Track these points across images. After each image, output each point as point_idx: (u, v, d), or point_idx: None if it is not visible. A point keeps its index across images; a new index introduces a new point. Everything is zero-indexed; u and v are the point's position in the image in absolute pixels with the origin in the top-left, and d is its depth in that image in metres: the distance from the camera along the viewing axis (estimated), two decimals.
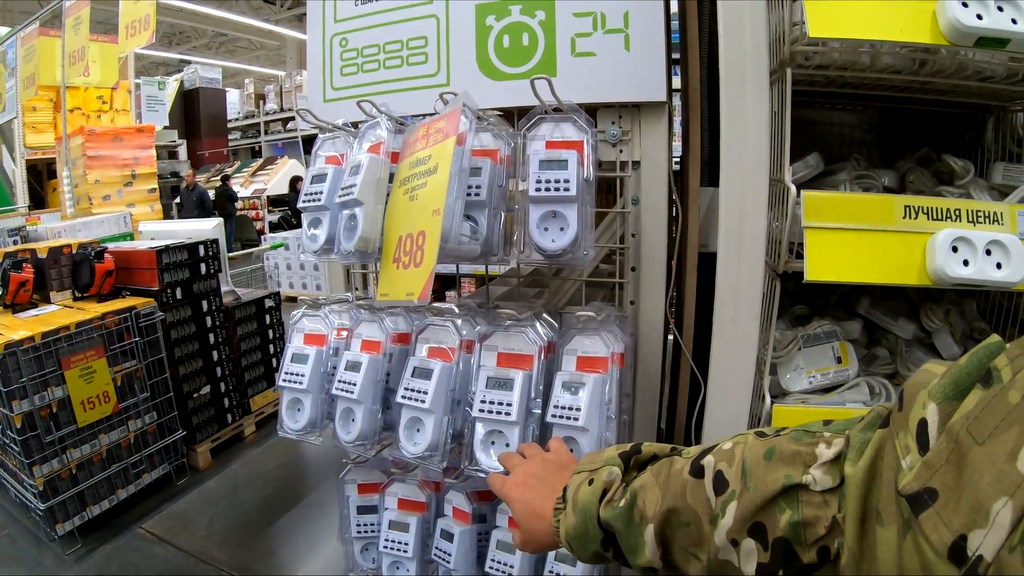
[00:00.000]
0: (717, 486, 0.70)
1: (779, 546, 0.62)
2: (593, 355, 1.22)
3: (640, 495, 0.76)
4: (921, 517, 0.46)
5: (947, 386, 0.50)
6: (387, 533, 1.49)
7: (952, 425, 0.47)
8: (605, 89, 1.38)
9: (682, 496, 0.72)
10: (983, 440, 0.43)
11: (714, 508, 0.69)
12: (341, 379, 1.34)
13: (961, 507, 0.43)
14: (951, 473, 0.45)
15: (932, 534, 0.44)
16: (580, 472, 0.87)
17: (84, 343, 3.16)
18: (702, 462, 0.73)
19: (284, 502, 3.52)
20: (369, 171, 1.24)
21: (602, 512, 0.79)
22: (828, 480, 0.60)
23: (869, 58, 1.33)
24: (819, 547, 0.60)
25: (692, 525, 0.71)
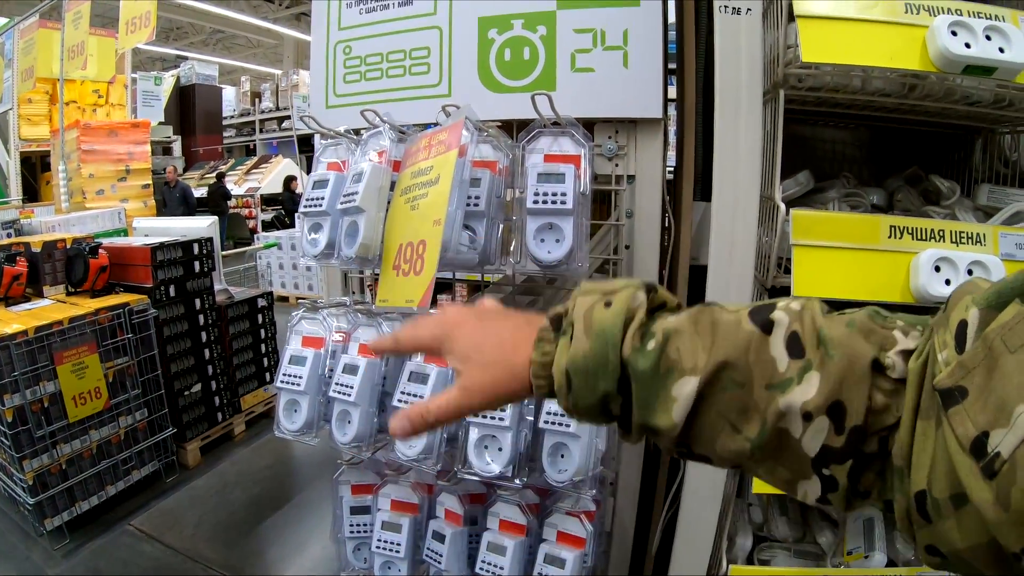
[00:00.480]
0: (792, 348, 0.59)
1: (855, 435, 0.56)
2: None
3: (674, 339, 0.62)
4: (951, 412, 0.49)
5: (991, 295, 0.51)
6: (380, 533, 1.52)
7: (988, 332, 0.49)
8: (603, 104, 1.41)
9: (743, 351, 0.60)
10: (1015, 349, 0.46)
11: (784, 372, 0.58)
12: (339, 382, 1.37)
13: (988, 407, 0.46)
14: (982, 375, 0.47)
15: (959, 428, 0.47)
16: (586, 294, 0.69)
17: (77, 338, 3.17)
18: (771, 316, 0.61)
19: (273, 502, 3.53)
20: (371, 179, 1.26)
21: (626, 348, 0.63)
22: (904, 368, 0.56)
23: (860, 81, 1.37)
24: (880, 437, 0.56)
25: (745, 387, 0.59)
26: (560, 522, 1.41)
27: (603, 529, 1.48)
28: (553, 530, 1.41)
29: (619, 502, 1.58)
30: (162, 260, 3.70)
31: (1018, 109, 1.42)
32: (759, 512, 1.78)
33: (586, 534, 1.39)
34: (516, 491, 1.42)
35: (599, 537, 1.44)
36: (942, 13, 1.21)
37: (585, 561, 1.39)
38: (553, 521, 1.42)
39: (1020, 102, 1.39)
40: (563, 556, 1.37)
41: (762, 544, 1.74)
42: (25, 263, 3.49)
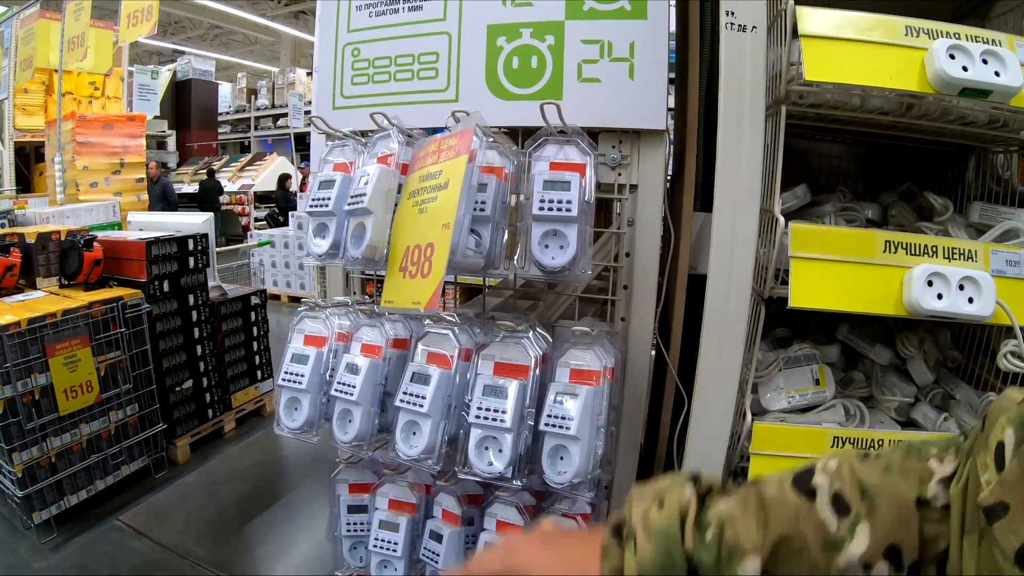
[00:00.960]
0: (839, 507, 0.64)
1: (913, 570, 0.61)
2: (586, 368, 1.27)
3: (729, 525, 0.66)
4: (995, 527, 0.53)
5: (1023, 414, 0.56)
6: (377, 532, 1.52)
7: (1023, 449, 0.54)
8: (608, 114, 1.44)
9: (793, 521, 0.65)
10: None
11: (834, 531, 0.63)
12: (341, 381, 1.38)
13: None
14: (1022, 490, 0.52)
15: (1003, 540, 0.51)
16: (639, 500, 0.73)
17: (70, 331, 3.17)
18: (813, 482, 0.66)
19: (262, 500, 3.53)
20: (380, 181, 1.28)
21: (689, 543, 0.66)
22: (946, 496, 0.62)
23: (859, 99, 1.40)
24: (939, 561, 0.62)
25: (804, 554, 0.63)
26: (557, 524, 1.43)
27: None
28: None
29: (614, 505, 1.60)
30: (157, 255, 3.70)
31: (1012, 130, 1.46)
32: None
33: None
34: (513, 493, 1.44)
35: None
36: (941, 36, 1.24)
37: None
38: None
39: (1014, 123, 1.42)
40: None
41: None
42: (19, 254, 3.48)
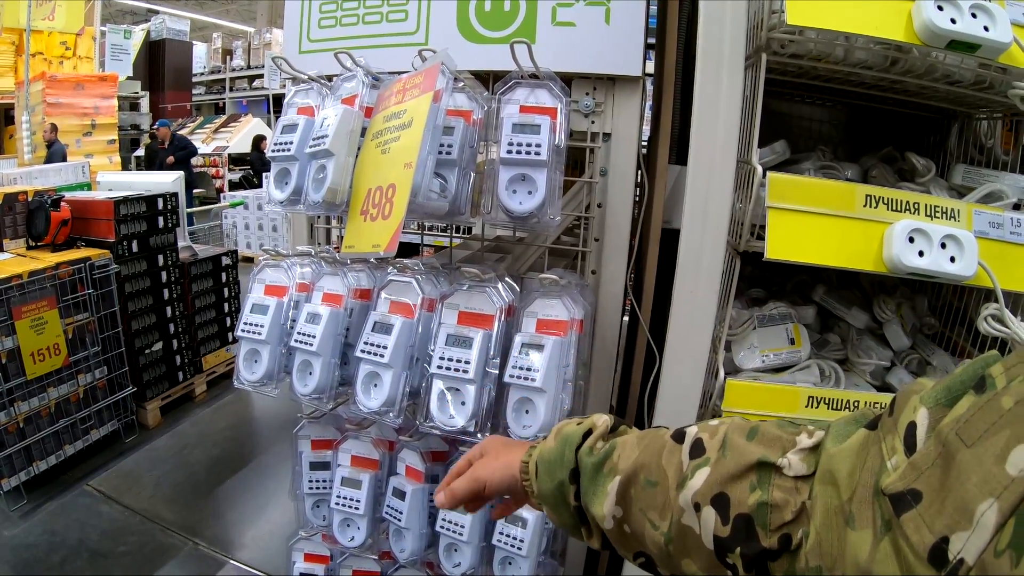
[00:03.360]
0: (694, 451, 0.69)
1: (740, 523, 0.61)
2: (554, 318, 1.24)
3: (619, 448, 0.76)
4: (903, 518, 0.45)
5: (939, 392, 0.49)
6: (339, 490, 1.49)
7: (941, 428, 0.46)
8: (582, 60, 1.39)
9: (657, 455, 0.72)
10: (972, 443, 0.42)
11: (685, 471, 0.68)
12: (300, 331, 1.33)
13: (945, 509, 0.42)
14: (937, 476, 0.44)
15: (913, 535, 0.44)
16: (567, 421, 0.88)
17: (36, 293, 3.11)
18: (685, 429, 0.73)
19: (233, 463, 3.52)
20: (342, 123, 1.23)
21: (582, 451, 0.80)
22: (803, 467, 0.60)
23: (843, 51, 1.36)
24: (781, 534, 0.59)
25: (659, 487, 0.70)
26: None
27: None
28: None
29: None
30: (125, 214, 3.63)
31: (997, 92, 1.43)
32: None
33: None
34: None
35: None
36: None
37: (547, 523, 1.38)
38: None
39: (999, 85, 1.39)
40: (525, 516, 1.36)
41: None
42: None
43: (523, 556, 1.36)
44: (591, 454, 0.78)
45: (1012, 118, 1.70)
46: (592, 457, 0.78)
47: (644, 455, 0.73)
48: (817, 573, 0.55)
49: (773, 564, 0.60)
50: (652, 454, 0.73)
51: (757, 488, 0.61)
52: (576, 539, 0.85)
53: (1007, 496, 0.38)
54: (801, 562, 0.57)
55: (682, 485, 0.67)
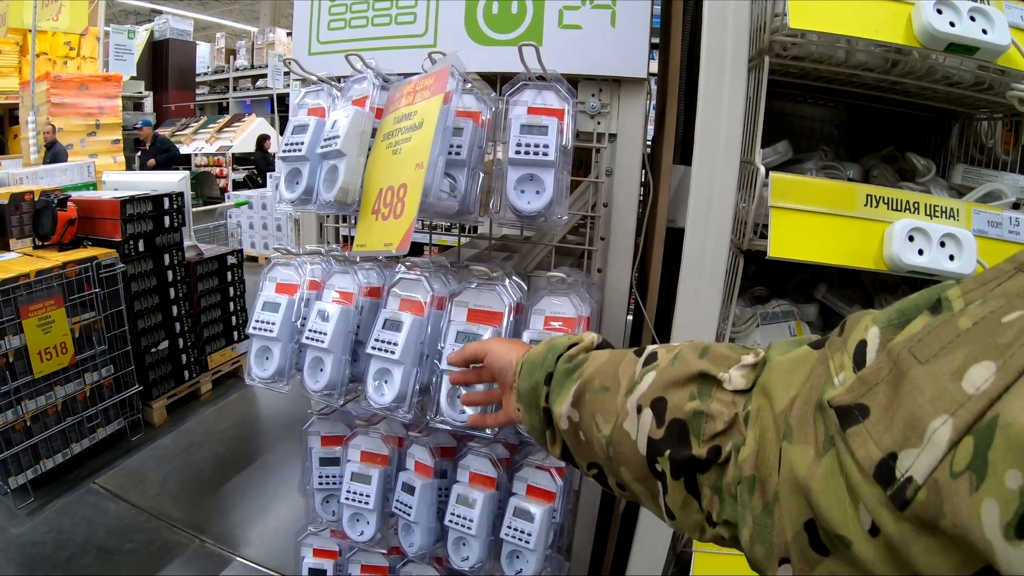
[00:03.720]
0: (648, 360, 0.72)
1: (674, 427, 0.63)
2: (561, 315, 1.26)
3: (591, 360, 0.81)
4: (849, 432, 0.43)
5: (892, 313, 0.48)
6: (349, 485, 1.51)
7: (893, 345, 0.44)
8: (588, 62, 1.41)
9: (616, 364, 0.76)
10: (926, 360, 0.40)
11: (636, 377, 0.71)
12: (312, 328, 1.36)
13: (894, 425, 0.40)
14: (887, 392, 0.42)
15: (859, 450, 0.41)
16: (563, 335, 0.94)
17: (43, 292, 3.12)
18: (648, 346, 0.76)
19: (238, 461, 3.53)
20: (353, 124, 1.25)
21: (562, 360, 0.85)
22: (742, 381, 0.61)
23: (844, 53, 1.38)
24: (712, 444, 0.60)
25: (610, 391, 0.74)
26: (530, 476, 1.42)
27: (571, 487, 1.49)
28: (523, 484, 1.43)
29: None
30: (131, 214, 3.64)
31: (996, 92, 1.44)
32: None
33: (556, 488, 1.40)
34: (486, 444, 1.43)
35: (568, 493, 1.45)
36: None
37: (554, 516, 1.40)
38: (523, 475, 1.43)
39: (999, 86, 1.41)
40: (532, 510, 1.38)
41: None
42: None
43: (531, 550, 1.38)
44: (568, 361, 0.83)
45: (1012, 118, 1.72)
46: (567, 364, 0.83)
47: (606, 364, 0.78)
48: (750, 483, 0.55)
49: (701, 476, 0.61)
50: (612, 364, 0.77)
51: (696, 398, 0.63)
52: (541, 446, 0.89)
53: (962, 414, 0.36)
54: (730, 474, 0.58)
55: (631, 390, 0.70)
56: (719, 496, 0.60)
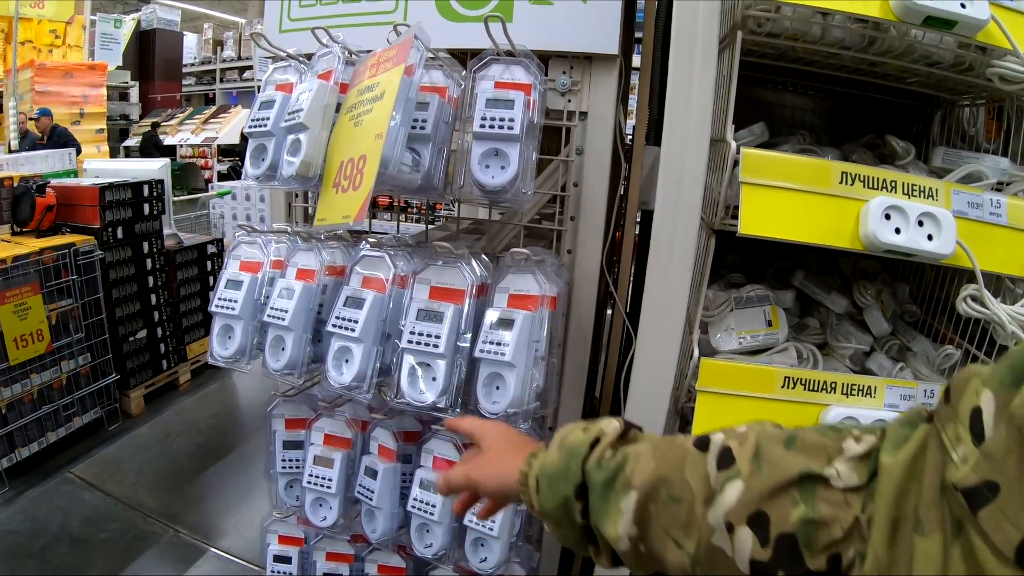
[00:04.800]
0: (722, 461, 0.61)
1: (783, 544, 0.54)
2: (525, 293, 1.23)
3: (632, 461, 0.68)
4: (980, 515, 0.39)
5: (1003, 372, 0.43)
6: (311, 468, 1.48)
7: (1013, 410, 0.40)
8: (559, 38, 1.38)
9: (679, 467, 0.64)
10: None
11: (713, 485, 0.60)
12: (273, 306, 1.33)
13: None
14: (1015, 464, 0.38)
15: (995, 533, 0.38)
16: (572, 425, 0.80)
17: (20, 278, 3.09)
18: (710, 437, 0.65)
19: (215, 452, 3.52)
20: (317, 97, 1.22)
21: (590, 463, 0.71)
22: (854, 477, 0.53)
23: (820, 30, 1.36)
24: (830, 553, 0.52)
25: (683, 503, 0.62)
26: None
27: None
28: None
29: None
30: (111, 201, 3.61)
31: (977, 74, 1.42)
32: None
33: None
34: None
35: None
36: None
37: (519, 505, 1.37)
38: None
39: (979, 66, 1.38)
40: None
41: None
42: None
43: (495, 537, 1.35)
44: (600, 467, 0.70)
45: (995, 104, 1.70)
46: (602, 471, 0.69)
47: (663, 467, 0.65)
48: None
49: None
50: (672, 466, 0.65)
51: (800, 503, 0.54)
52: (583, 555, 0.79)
53: None
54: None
55: (711, 501, 0.60)
56: None
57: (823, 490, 0.54)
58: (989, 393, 0.43)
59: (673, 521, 0.63)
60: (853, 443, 0.55)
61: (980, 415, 0.43)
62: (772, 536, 0.55)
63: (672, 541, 0.63)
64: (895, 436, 0.52)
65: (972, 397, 0.45)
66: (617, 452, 0.71)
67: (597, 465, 0.70)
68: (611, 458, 0.70)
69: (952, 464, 0.43)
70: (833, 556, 0.52)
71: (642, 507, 0.65)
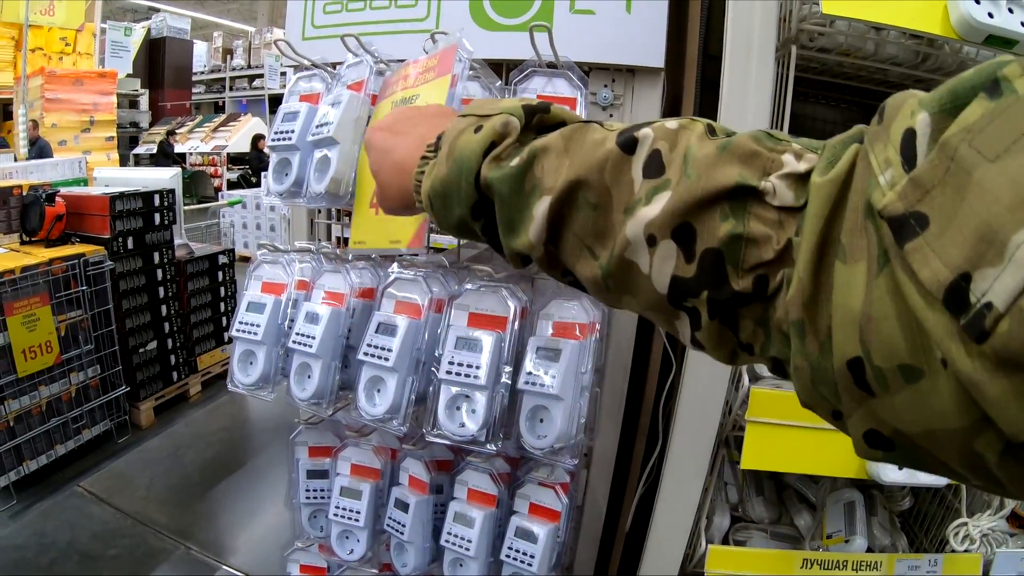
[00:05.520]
0: (649, 167, 0.53)
1: (708, 259, 0.48)
2: (571, 321, 1.16)
3: (541, 158, 0.59)
4: (907, 247, 0.35)
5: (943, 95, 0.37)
6: (338, 500, 1.41)
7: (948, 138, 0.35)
8: (602, 49, 1.31)
9: (599, 169, 0.55)
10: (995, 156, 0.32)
11: (636, 193, 0.53)
12: (299, 331, 1.26)
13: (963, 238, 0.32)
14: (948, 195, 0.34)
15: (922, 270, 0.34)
16: (466, 116, 0.67)
17: (29, 289, 3.04)
18: (636, 134, 0.54)
19: (227, 466, 3.47)
20: (347, 109, 1.16)
21: (485, 169, 0.61)
22: (790, 196, 0.46)
23: (874, 46, 1.31)
24: (757, 275, 0.47)
25: (600, 209, 0.55)
26: (533, 493, 1.32)
27: (575, 502, 1.40)
28: (525, 502, 1.33)
29: (592, 474, 1.50)
30: (121, 210, 3.57)
31: None
32: (734, 492, 1.74)
33: (561, 507, 1.30)
34: (486, 459, 1.34)
35: (572, 511, 1.36)
36: None
37: (559, 536, 1.31)
38: (526, 492, 1.33)
39: None
40: (536, 531, 1.28)
41: (738, 524, 1.69)
42: None
43: (534, 573, 1.28)
44: (499, 168, 0.60)
45: None
46: (504, 178, 0.60)
47: (581, 168, 0.56)
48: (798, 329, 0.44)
49: (742, 309, 0.49)
50: (591, 167, 0.55)
51: (731, 217, 0.48)
52: None
53: None
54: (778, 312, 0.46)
55: (631, 210, 0.52)
56: (765, 331, 0.48)
57: (756, 205, 0.47)
58: (925, 115, 0.37)
59: (588, 229, 0.56)
60: (792, 158, 0.47)
61: (914, 138, 0.38)
62: (697, 251, 0.49)
63: (587, 250, 0.57)
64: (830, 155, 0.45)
65: (906, 117, 0.39)
66: (523, 148, 0.60)
67: (496, 165, 0.60)
68: (512, 157, 0.60)
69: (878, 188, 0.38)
70: (760, 277, 0.47)
71: (555, 212, 0.57)
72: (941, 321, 0.32)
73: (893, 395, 0.37)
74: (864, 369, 0.38)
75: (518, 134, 0.62)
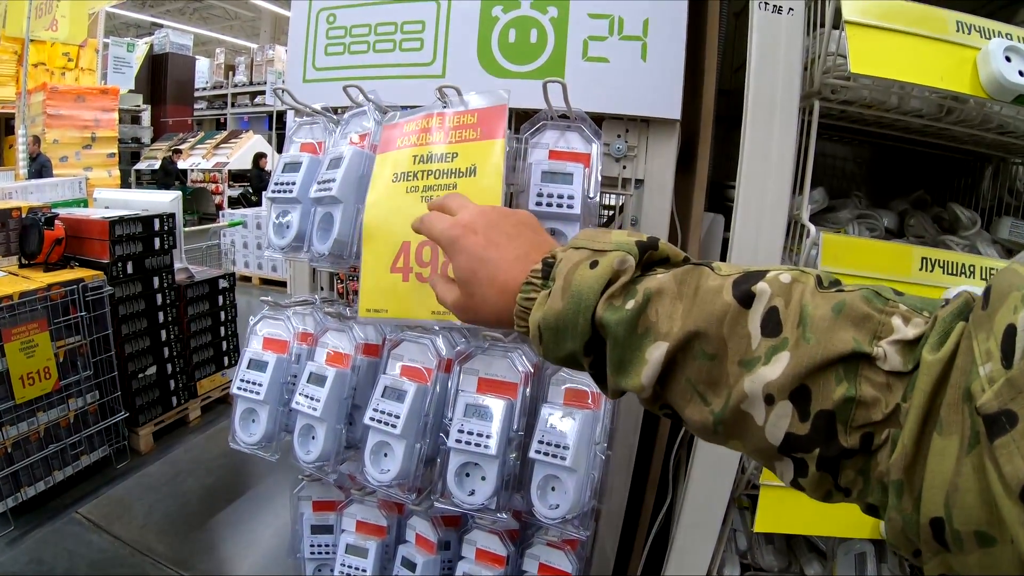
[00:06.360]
0: (767, 325, 0.55)
1: (822, 419, 0.51)
2: (585, 389, 1.13)
3: (655, 302, 0.60)
4: (996, 443, 0.38)
5: None
6: (344, 558, 1.37)
7: None
8: (615, 99, 1.28)
9: (718, 322, 0.57)
10: None
11: (755, 349, 0.54)
12: (303, 393, 1.22)
13: None
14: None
15: (1006, 465, 0.37)
16: (578, 248, 0.66)
17: (27, 315, 3.00)
18: (753, 288, 0.57)
19: (227, 493, 3.41)
20: (351, 166, 1.12)
21: (600, 308, 0.61)
22: (899, 361, 0.49)
23: (898, 99, 1.29)
24: (864, 432, 0.50)
25: (716, 359, 0.56)
26: (543, 554, 1.29)
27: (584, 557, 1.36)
28: (535, 562, 1.29)
29: (602, 528, 1.46)
30: (121, 235, 3.53)
31: None
32: (743, 539, 1.70)
33: (571, 567, 1.27)
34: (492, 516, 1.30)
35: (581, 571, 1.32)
36: (994, 36, 1.14)
37: None
38: (535, 552, 1.30)
39: None
40: None
41: (747, 573, 1.66)
42: None
43: None
44: (615, 310, 0.60)
45: None
46: (618, 314, 0.60)
47: (697, 319, 0.57)
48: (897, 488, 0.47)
49: (846, 461, 0.51)
50: (708, 319, 0.57)
51: (844, 381, 0.50)
52: None
53: None
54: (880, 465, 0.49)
55: (750, 367, 0.54)
56: (865, 479, 0.51)
57: (868, 369, 0.50)
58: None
59: (702, 376, 0.57)
60: (901, 323, 0.50)
61: (1014, 335, 0.40)
62: (812, 412, 0.52)
63: (698, 396, 0.58)
64: (941, 330, 0.48)
65: (1009, 312, 0.42)
66: (635, 289, 0.61)
67: (611, 307, 0.60)
68: (627, 299, 0.60)
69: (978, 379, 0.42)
70: (866, 435, 0.50)
71: (671, 359, 0.58)
72: (1015, 511, 0.36)
73: (967, 554, 0.41)
74: (944, 529, 0.43)
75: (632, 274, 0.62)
